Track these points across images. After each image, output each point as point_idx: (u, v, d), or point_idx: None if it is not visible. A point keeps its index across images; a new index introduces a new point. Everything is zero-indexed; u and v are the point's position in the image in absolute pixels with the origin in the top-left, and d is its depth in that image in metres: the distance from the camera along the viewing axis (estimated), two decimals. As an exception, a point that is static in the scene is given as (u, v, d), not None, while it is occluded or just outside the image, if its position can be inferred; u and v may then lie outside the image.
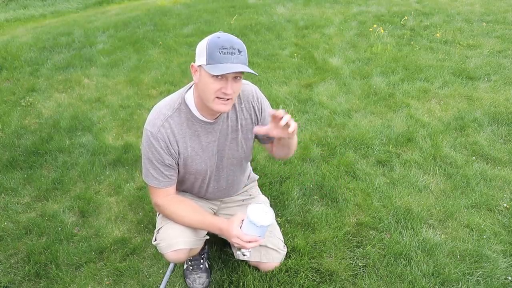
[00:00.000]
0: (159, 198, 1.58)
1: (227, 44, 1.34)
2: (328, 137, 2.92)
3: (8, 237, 2.21)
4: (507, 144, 2.83)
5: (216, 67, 1.32)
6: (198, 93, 1.45)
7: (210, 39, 1.37)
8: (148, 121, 1.48)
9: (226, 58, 1.33)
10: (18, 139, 3.12)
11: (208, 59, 1.34)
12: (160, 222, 1.68)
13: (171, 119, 1.47)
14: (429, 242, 2.05)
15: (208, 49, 1.34)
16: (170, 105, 1.49)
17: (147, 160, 1.51)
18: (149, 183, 1.55)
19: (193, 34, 5.16)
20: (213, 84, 1.35)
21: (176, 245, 1.59)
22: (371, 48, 4.44)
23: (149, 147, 1.48)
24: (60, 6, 8.47)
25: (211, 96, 1.38)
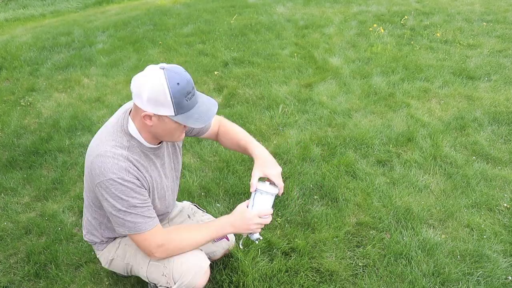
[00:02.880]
0: (158, 238, 1.40)
1: (189, 87, 1.27)
2: (328, 137, 2.92)
3: (7, 237, 2.21)
4: (507, 143, 2.83)
5: (195, 119, 1.28)
6: (153, 133, 1.36)
7: (170, 87, 1.22)
8: (106, 170, 1.29)
9: (192, 102, 1.29)
10: (18, 139, 3.12)
11: (177, 109, 1.25)
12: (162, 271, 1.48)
13: (130, 157, 1.34)
14: (429, 242, 2.04)
15: (174, 100, 1.23)
16: (119, 146, 1.34)
17: (130, 209, 1.33)
18: (143, 231, 1.36)
19: (193, 34, 5.16)
20: (178, 127, 1.33)
21: (202, 266, 1.49)
22: (371, 47, 4.44)
23: (124, 194, 1.31)
24: (59, 5, 8.46)
25: (177, 135, 1.38)
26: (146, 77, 1.26)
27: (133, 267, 1.59)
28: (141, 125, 1.35)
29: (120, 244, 1.61)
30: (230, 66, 4.17)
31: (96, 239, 1.61)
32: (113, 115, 1.47)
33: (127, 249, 1.59)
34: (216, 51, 4.56)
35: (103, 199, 1.35)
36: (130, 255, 1.58)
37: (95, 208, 1.52)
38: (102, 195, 1.33)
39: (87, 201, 1.55)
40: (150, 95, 1.24)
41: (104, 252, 1.63)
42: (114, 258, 1.61)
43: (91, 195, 1.47)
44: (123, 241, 1.61)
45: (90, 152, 1.38)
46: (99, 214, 1.53)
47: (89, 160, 1.35)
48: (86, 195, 1.54)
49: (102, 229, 1.58)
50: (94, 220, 1.57)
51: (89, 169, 1.36)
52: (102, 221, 1.55)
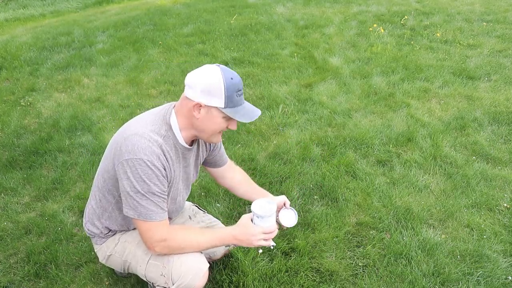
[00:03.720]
0: (163, 231, 1.40)
1: (240, 86, 1.38)
2: (328, 137, 2.92)
3: (7, 237, 2.21)
4: (507, 143, 2.83)
5: (241, 114, 1.37)
6: (195, 127, 1.41)
7: (225, 81, 1.33)
8: (139, 149, 1.31)
9: (240, 100, 1.39)
10: (18, 139, 3.12)
11: (227, 102, 1.34)
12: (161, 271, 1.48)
13: (163, 146, 1.37)
14: (429, 242, 2.04)
15: (227, 93, 1.33)
16: (157, 132, 1.38)
17: (148, 195, 1.34)
18: (152, 220, 1.37)
19: (193, 34, 5.16)
20: (222, 123, 1.40)
21: (201, 268, 1.48)
22: (371, 47, 4.44)
23: (148, 178, 1.32)
24: (59, 5, 8.46)
25: (214, 132, 1.42)
26: (202, 71, 1.36)
27: (131, 265, 1.58)
28: (187, 118, 1.40)
29: (119, 240, 1.60)
30: (230, 66, 4.17)
31: (96, 230, 1.59)
32: (156, 107, 1.52)
33: (126, 246, 1.58)
34: (216, 51, 4.56)
35: (124, 177, 1.34)
36: (129, 253, 1.57)
37: (105, 192, 1.51)
38: (125, 172, 1.33)
39: (97, 186, 1.54)
40: (204, 86, 1.33)
41: (102, 247, 1.62)
42: (112, 254, 1.60)
43: (107, 175, 1.46)
44: (123, 237, 1.60)
45: (124, 131, 1.40)
46: (106, 200, 1.52)
47: (122, 137, 1.36)
48: (98, 178, 1.53)
49: (104, 218, 1.56)
50: (98, 208, 1.56)
51: (118, 145, 1.36)
52: (106, 208, 1.54)
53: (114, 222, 1.57)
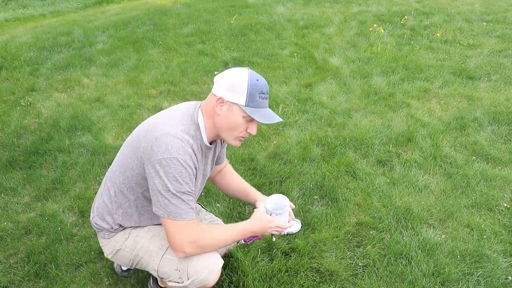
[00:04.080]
0: (193, 232, 1.40)
1: (265, 89, 1.42)
2: (328, 137, 2.92)
3: (7, 237, 2.21)
4: (507, 143, 2.83)
5: (261, 115, 1.40)
6: (216, 125, 1.44)
7: (250, 80, 1.37)
8: (173, 149, 1.33)
9: (263, 103, 1.42)
10: (18, 139, 3.12)
11: (249, 101, 1.37)
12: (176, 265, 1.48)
13: (193, 146, 1.40)
14: (429, 242, 2.04)
15: (250, 91, 1.37)
16: (187, 132, 1.40)
17: (179, 194, 1.35)
18: (182, 219, 1.37)
19: (193, 34, 5.16)
20: (242, 124, 1.42)
21: (217, 264, 1.51)
22: (371, 47, 4.44)
23: (181, 177, 1.34)
24: (59, 5, 8.45)
25: (235, 134, 1.45)
26: (231, 70, 1.42)
27: (142, 260, 1.56)
28: (210, 118, 1.44)
29: (130, 235, 1.57)
30: (230, 66, 4.17)
31: (106, 225, 1.57)
32: (182, 104, 1.53)
33: (138, 240, 1.56)
34: (216, 51, 4.56)
35: (156, 176, 1.34)
36: (142, 247, 1.55)
37: (124, 189, 1.49)
38: (157, 172, 1.33)
39: (113, 181, 1.52)
40: (230, 81, 1.38)
41: (111, 241, 1.59)
42: (121, 248, 1.58)
43: (130, 173, 1.45)
44: (134, 232, 1.58)
45: (155, 129, 1.38)
46: (123, 196, 1.51)
47: (153, 136, 1.36)
48: (116, 174, 1.51)
49: (117, 214, 1.54)
50: (111, 203, 1.54)
51: (149, 144, 1.36)
52: (122, 204, 1.53)
53: (128, 219, 1.56)
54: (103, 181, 1.61)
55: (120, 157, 1.53)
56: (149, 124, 1.46)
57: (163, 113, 1.51)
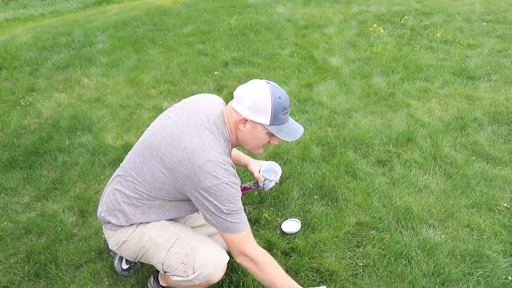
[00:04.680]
0: (252, 247, 1.46)
1: (287, 105, 1.43)
2: (328, 137, 2.92)
3: (7, 237, 2.21)
4: (507, 143, 2.83)
5: (285, 133, 1.43)
6: (239, 139, 1.50)
7: (273, 99, 1.38)
8: (220, 175, 1.35)
9: (286, 118, 1.45)
10: (18, 139, 3.12)
11: (273, 120, 1.40)
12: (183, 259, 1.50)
13: (232, 164, 1.45)
14: (429, 242, 2.04)
15: (274, 111, 1.39)
16: (223, 153, 1.42)
17: (233, 212, 1.40)
18: (239, 231, 1.43)
19: (193, 34, 5.15)
20: (265, 138, 1.47)
21: (223, 260, 1.53)
22: (371, 47, 4.44)
23: (233, 198, 1.38)
24: (59, 5, 8.45)
25: (257, 146, 1.50)
26: (252, 87, 1.42)
27: (148, 252, 1.56)
28: (232, 130, 1.46)
29: (137, 227, 1.56)
30: (230, 66, 4.17)
31: (115, 220, 1.55)
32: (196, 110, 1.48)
33: (146, 232, 1.55)
34: (216, 51, 4.56)
35: (205, 200, 1.38)
36: (149, 239, 1.55)
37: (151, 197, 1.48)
38: (207, 198, 1.37)
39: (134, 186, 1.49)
40: (252, 102, 1.39)
41: (117, 233, 1.57)
42: (128, 240, 1.56)
43: (160, 186, 1.44)
44: (142, 225, 1.57)
45: (194, 156, 1.36)
46: (147, 201, 1.50)
47: (196, 165, 1.35)
48: (139, 181, 1.48)
49: (133, 214, 1.53)
50: (130, 206, 1.52)
51: (192, 172, 1.36)
52: (141, 207, 1.52)
53: (145, 217, 1.55)
54: (115, 180, 1.57)
55: (144, 167, 1.47)
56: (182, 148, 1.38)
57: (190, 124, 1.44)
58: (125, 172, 1.54)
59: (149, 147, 1.47)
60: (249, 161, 1.91)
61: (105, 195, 1.60)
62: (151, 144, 1.47)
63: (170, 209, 1.54)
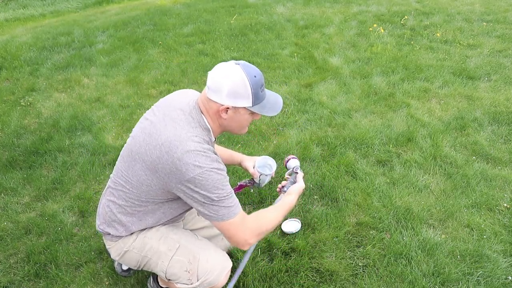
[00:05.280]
0: (249, 223, 1.42)
1: (262, 80, 1.40)
2: (328, 137, 2.92)
3: (7, 237, 2.21)
4: (507, 143, 2.83)
5: (268, 109, 1.42)
6: (223, 126, 1.46)
7: (250, 81, 1.35)
8: (201, 163, 1.31)
9: (264, 94, 1.43)
10: (18, 139, 3.12)
11: (255, 100, 1.38)
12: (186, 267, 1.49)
13: (213, 150, 1.41)
14: (429, 242, 2.04)
15: (254, 92, 1.36)
16: (203, 140, 1.38)
17: (224, 197, 1.35)
18: (235, 214, 1.38)
19: (193, 34, 5.15)
20: (249, 118, 1.44)
21: (226, 265, 1.52)
22: (371, 47, 4.44)
23: (221, 183, 1.34)
24: (59, 5, 8.45)
25: (245, 128, 1.49)
26: (225, 73, 1.35)
27: (150, 261, 1.55)
28: (213, 119, 1.43)
29: (138, 236, 1.55)
30: (230, 66, 4.16)
31: (114, 231, 1.54)
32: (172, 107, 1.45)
33: (147, 241, 1.54)
34: (216, 51, 4.56)
35: (193, 193, 1.33)
36: (150, 248, 1.53)
37: (141, 202, 1.46)
38: (193, 189, 1.32)
39: (123, 193, 1.47)
40: (231, 89, 1.34)
41: (118, 244, 1.56)
42: (129, 250, 1.55)
43: (146, 188, 1.41)
44: (142, 233, 1.55)
45: (171, 149, 1.32)
46: (139, 207, 1.48)
47: (175, 157, 1.31)
48: (126, 188, 1.46)
49: (130, 223, 1.51)
50: (124, 214, 1.50)
51: (173, 166, 1.32)
52: (136, 214, 1.50)
53: (142, 224, 1.53)
54: (107, 191, 1.56)
55: (129, 173, 1.45)
56: (159, 144, 1.35)
57: (166, 120, 1.41)
58: (115, 181, 1.52)
59: (131, 152, 1.44)
60: (243, 158, 1.89)
61: (101, 206, 1.60)
62: (132, 148, 1.45)
63: (165, 211, 1.52)
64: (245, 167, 1.87)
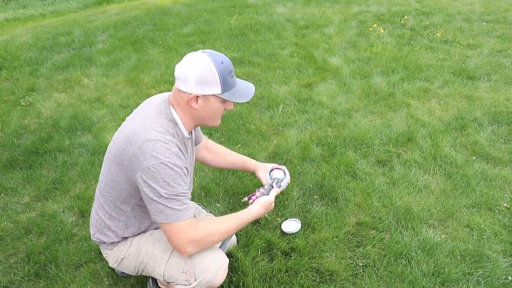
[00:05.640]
0: (192, 230, 1.38)
1: (231, 67, 1.39)
2: (328, 137, 2.92)
3: (7, 237, 2.21)
4: (507, 143, 2.83)
5: (238, 95, 1.39)
6: (195, 117, 1.43)
7: (217, 67, 1.33)
8: (158, 154, 1.29)
9: (234, 81, 1.40)
10: (18, 139, 3.12)
11: (224, 87, 1.36)
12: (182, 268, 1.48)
13: (178, 144, 1.38)
14: (429, 242, 2.04)
15: (222, 78, 1.34)
16: (167, 131, 1.36)
17: (173, 197, 1.32)
18: (179, 219, 1.34)
19: (193, 34, 5.16)
20: (221, 108, 1.42)
21: (223, 263, 1.51)
22: (371, 47, 4.44)
23: (173, 180, 1.31)
24: (59, 5, 8.45)
25: (217, 118, 1.45)
26: (191, 62, 1.34)
27: (148, 266, 1.55)
28: (185, 111, 1.40)
29: (132, 242, 1.57)
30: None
31: (107, 239, 1.56)
32: (146, 104, 1.49)
33: (141, 247, 1.55)
34: (216, 51, 4.55)
35: (145, 185, 1.32)
36: (146, 253, 1.54)
37: (118, 203, 1.47)
38: (146, 180, 1.31)
39: (104, 198, 1.50)
40: (198, 76, 1.32)
41: (114, 251, 1.58)
42: (126, 257, 1.57)
43: (119, 187, 1.43)
44: (136, 240, 1.57)
45: (134, 138, 1.33)
46: (119, 211, 1.49)
47: (135, 146, 1.32)
48: (105, 191, 1.48)
49: (118, 227, 1.53)
50: (109, 219, 1.52)
51: (133, 155, 1.32)
52: (119, 218, 1.51)
53: (130, 229, 1.54)
54: (95, 197, 1.58)
55: (105, 173, 1.48)
56: (126, 135, 1.38)
57: (135, 119, 1.44)
58: (99, 187, 1.54)
59: (109, 153, 1.47)
60: (256, 167, 1.81)
61: (92, 216, 1.62)
62: (110, 150, 1.47)
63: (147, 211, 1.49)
64: (259, 177, 1.80)
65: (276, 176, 1.72)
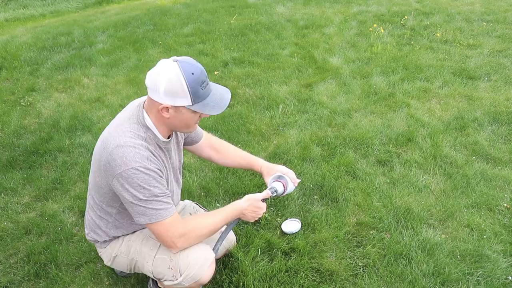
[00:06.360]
0: (179, 226, 1.39)
1: (204, 77, 1.32)
2: (328, 137, 2.92)
3: (7, 237, 2.21)
4: (507, 143, 2.83)
5: (210, 107, 1.34)
6: (168, 125, 1.41)
7: (186, 78, 1.27)
8: (128, 159, 1.29)
9: (207, 91, 1.35)
10: (18, 139, 3.12)
11: (194, 99, 1.30)
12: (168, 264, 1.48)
13: (149, 147, 1.37)
14: (429, 242, 2.04)
15: (191, 90, 1.28)
16: (138, 136, 1.35)
17: (152, 198, 1.32)
18: (164, 217, 1.35)
19: (193, 34, 5.16)
20: (194, 117, 1.37)
21: (208, 258, 1.49)
22: (371, 47, 4.44)
23: (147, 184, 1.31)
24: (59, 5, 8.45)
25: (192, 125, 1.42)
26: (161, 71, 1.30)
27: (138, 263, 1.58)
28: (157, 118, 1.38)
29: (123, 240, 1.60)
30: (230, 66, 4.17)
31: (99, 238, 1.60)
32: (123, 110, 1.50)
33: (131, 244, 1.58)
34: (216, 51, 4.56)
35: (122, 190, 1.32)
36: (135, 251, 1.57)
37: (103, 206, 1.50)
38: (122, 185, 1.31)
39: (92, 199, 1.54)
40: (167, 87, 1.28)
41: (107, 250, 1.62)
42: (118, 255, 1.60)
43: (101, 191, 1.45)
44: (126, 237, 1.60)
45: (107, 144, 1.35)
46: (106, 212, 1.52)
47: (107, 152, 1.33)
48: (92, 193, 1.52)
49: (108, 227, 1.56)
50: (99, 219, 1.56)
51: (106, 161, 1.33)
52: (108, 219, 1.54)
53: (120, 229, 1.57)
54: (87, 198, 1.61)
55: (91, 176, 1.51)
56: (102, 141, 1.40)
57: (112, 123, 1.46)
58: (88, 188, 1.57)
59: (93, 156, 1.48)
60: (262, 171, 1.78)
61: (85, 216, 1.66)
62: (93, 153, 1.48)
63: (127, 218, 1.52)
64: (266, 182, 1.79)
65: (276, 187, 1.69)
